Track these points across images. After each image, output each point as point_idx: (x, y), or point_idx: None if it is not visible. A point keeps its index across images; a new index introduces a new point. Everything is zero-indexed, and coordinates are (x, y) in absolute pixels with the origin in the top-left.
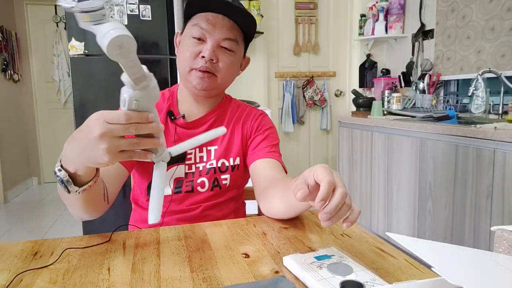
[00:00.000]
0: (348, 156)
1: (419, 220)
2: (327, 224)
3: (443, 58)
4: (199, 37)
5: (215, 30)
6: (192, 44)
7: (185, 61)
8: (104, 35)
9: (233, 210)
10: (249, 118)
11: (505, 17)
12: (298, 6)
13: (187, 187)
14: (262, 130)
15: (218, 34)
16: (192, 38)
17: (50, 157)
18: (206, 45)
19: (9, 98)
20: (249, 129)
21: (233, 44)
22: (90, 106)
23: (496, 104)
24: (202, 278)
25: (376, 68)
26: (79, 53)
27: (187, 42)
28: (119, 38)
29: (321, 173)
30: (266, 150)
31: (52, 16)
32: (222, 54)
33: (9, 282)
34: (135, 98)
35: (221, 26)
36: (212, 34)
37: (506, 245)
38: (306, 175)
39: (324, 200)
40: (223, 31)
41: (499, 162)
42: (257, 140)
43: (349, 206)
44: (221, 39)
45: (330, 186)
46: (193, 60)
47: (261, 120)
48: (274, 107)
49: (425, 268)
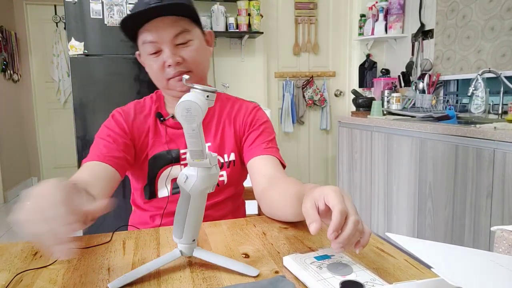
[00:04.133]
0: (348, 156)
1: (419, 220)
2: (340, 251)
3: (443, 58)
4: (154, 51)
5: (162, 35)
6: (153, 61)
7: (158, 78)
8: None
9: (232, 210)
10: (241, 112)
11: (505, 16)
12: (298, 6)
13: None
14: (257, 125)
15: (167, 37)
16: (150, 56)
17: (50, 157)
18: (164, 53)
19: (8, 98)
20: (242, 124)
21: (186, 34)
22: (89, 106)
23: (496, 104)
24: (202, 278)
25: (375, 68)
26: (79, 53)
27: (149, 62)
28: (189, 103)
29: (332, 199)
30: (263, 147)
31: (52, 16)
32: (183, 50)
33: (9, 282)
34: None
35: (164, 28)
36: (162, 40)
37: (506, 245)
38: (316, 197)
39: (337, 231)
40: (169, 31)
41: (498, 162)
42: (253, 136)
43: (361, 232)
44: (172, 39)
45: (342, 216)
46: (163, 73)
47: (255, 114)
48: (274, 107)
49: (425, 268)
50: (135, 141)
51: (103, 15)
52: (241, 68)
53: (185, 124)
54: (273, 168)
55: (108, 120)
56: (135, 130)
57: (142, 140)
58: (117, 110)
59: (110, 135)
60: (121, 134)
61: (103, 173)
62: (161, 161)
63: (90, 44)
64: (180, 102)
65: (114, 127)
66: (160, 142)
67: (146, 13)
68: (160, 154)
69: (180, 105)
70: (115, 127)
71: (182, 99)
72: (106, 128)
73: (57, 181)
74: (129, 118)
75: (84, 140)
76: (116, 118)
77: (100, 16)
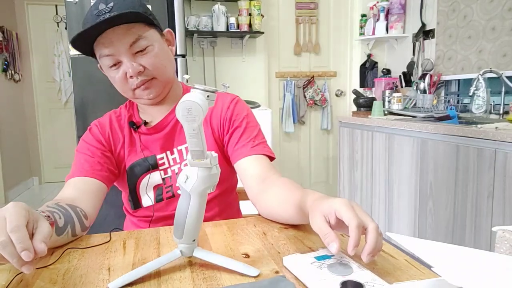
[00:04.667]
0: (349, 156)
1: (420, 220)
2: (370, 260)
3: (444, 58)
4: (113, 63)
5: (117, 46)
6: (114, 73)
7: (123, 89)
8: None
9: (223, 208)
10: (217, 108)
11: (506, 16)
12: (299, 6)
13: (167, 193)
14: (239, 121)
15: (123, 47)
16: (110, 68)
17: (51, 157)
18: (123, 64)
19: (10, 98)
20: (220, 122)
21: (142, 41)
22: (90, 106)
23: (497, 104)
24: (202, 278)
25: (376, 68)
26: (80, 53)
27: (110, 74)
28: (190, 103)
29: (345, 214)
30: (249, 146)
31: (53, 16)
32: (142, 58)
33: (9, 282)
34: (186, 173)
35: (118, 39)
36: (118, 52)
37: (507, 245)
38: (326, 212)
39: (357, 246)
40: (123, 41)
41: (500, 162)
42: (237, 135)
43: (381, 235)
44: (128, 48)
45: (360, 231)
46: (127, 84)
47: (234, 108)
48: (274, 107)
49: (425, 268)
50: (113, 153)
51: None
52: (242, 68)
53: (186, 124)
54: (264, 168)
55: (86, 134)
56: (111, 142)
57: (119, 151)
58: (94, 123)
59: (89, 149)
60: (99, 147)
61: (89, 187)
62: (138, 169)
63: None
64: (181, 103)
65: (92, 140)
66: (136, 150)
67: (97, 26)
68: (137, 162)
69: (181, 105)
70: (93, 140)
71: (183, 99)
72: (85, 142)
73: (22, 206)
74: (105, 131)
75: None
76: (93, 131)
77: None
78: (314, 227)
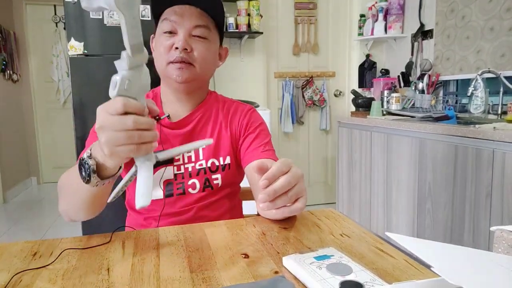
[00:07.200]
0: (348, 156)
1: (419, 220)
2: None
3: (443, 58)
4: (170, 30)
5: (184, 20)
6: (164, 39)
7: (161, 57)
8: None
9: (228, 209)
10: (237, 114)
11: (505, 17)
12: (298, 6)
13: (178, 190)
14: (253, 128)
15: (188, 23)
16: (164, 34)
17: (49, 157)
18: (178, 36)
19: (8, 98)
20: (238, 127)
21: (205, 31)
22: (89, 106)
23: (495, 104)
24: (201, 278)
25: (375, 68)
26: (78, 53)
27: (160, 39)
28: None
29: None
30: (260, 150)
31: (51, 16)
32: (196, 43)
33: (8, 282)
34: (128, 77)
35: (189, 15)
36: (182, 24)
37: (505, 245)
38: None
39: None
40: (192, 19)
41: (498, 162)
42: (249, 140)
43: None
44: (191, 28)
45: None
46: (167, 54)
47: (250, 116)
48: (273, 107)
49: (425, 268)
50: None
51: (103, 15)
52: (240, 68)
53: (127, 11)
54: None
55: None
56: None
57: None
58: None
59: None
60: None
61: None
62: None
63: (89, 44)
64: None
65: None
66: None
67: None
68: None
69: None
70: None
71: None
72: None
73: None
74: None
75: (83, 140)
76: None
77: (99, 16)
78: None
